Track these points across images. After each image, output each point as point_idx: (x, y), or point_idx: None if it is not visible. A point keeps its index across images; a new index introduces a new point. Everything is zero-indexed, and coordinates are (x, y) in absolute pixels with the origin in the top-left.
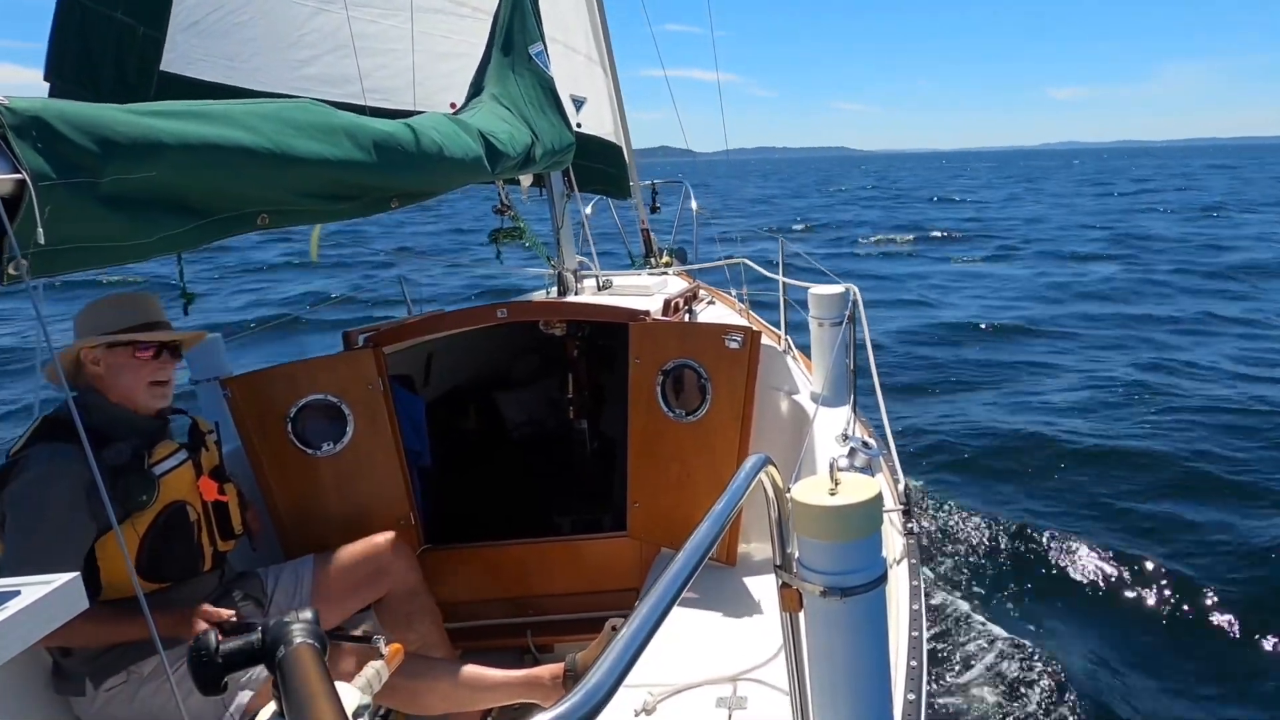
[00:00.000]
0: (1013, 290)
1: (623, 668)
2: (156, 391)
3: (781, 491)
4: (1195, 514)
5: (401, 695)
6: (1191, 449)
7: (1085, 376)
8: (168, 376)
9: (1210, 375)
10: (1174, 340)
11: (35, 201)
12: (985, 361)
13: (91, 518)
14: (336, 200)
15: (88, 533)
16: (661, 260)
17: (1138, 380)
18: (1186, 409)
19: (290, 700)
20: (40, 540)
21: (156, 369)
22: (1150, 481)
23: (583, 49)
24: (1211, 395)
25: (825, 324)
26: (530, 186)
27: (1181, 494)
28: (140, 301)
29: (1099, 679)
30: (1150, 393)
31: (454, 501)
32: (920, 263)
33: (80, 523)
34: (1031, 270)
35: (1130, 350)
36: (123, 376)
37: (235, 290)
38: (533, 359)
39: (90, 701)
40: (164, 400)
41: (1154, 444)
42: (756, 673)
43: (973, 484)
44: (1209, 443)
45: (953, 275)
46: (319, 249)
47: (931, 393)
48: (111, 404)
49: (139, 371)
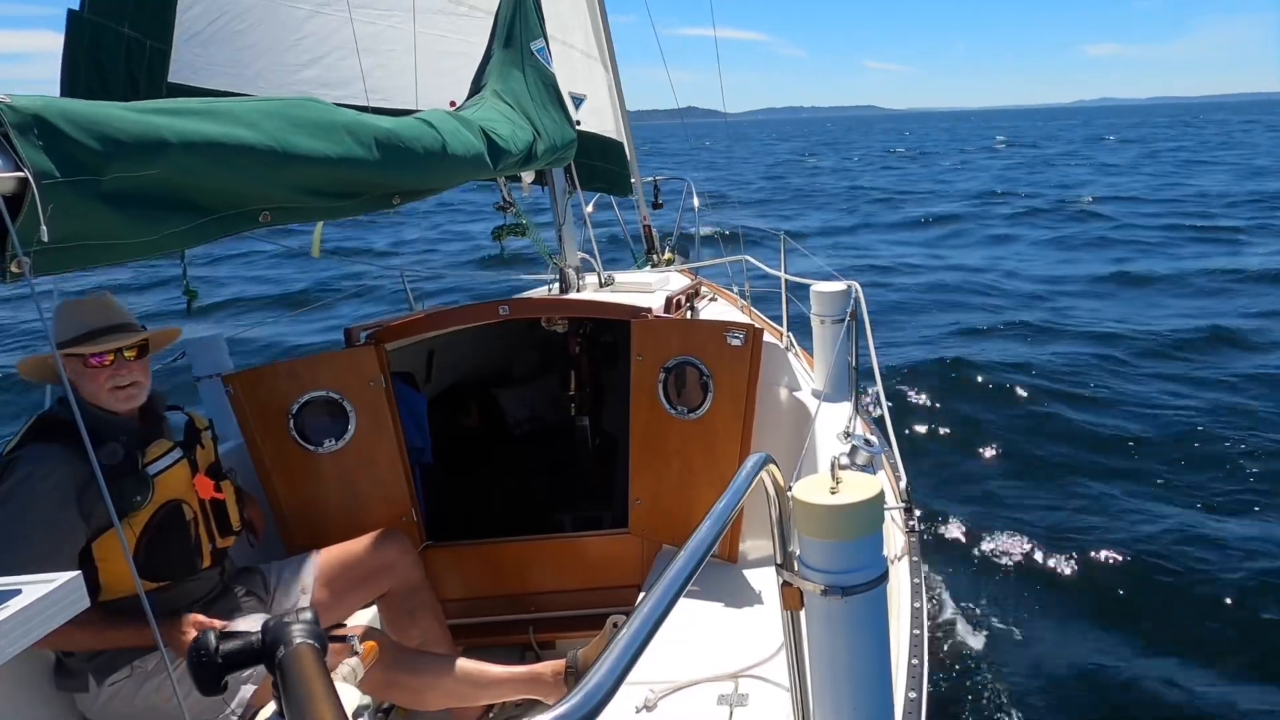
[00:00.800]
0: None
1: (625, 666)
2: (120, 395)
3: (783, 490)
4: (1201, 513)
5: (403, 692)
6: (1206, 445)
7: (1092, 372)
8: (130, 380)
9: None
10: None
11: (38, 200)
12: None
13: (81, 519)
14: (338, 197)
15: (77, 534)
16: (664, 257)
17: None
18: (1199, 408)
19: (290, 700)
20: (26, 540)
21: (112, 374)
22: (1153, 480)
23: (581, 46)
24: (1215, 392)
25: (827, 321)
26: (532, 184)
27: (1184, 492)
28: (94, 306)
29: (1101, 676)
30: (1166, 379)
31: (456, 498)
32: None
33: (69, 523)
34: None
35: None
36: (84, 383)
37: (239, 285)
38: (534, 356)
39: (94, 698)
40: (132, 402)
41: (1155, 442)
42: (758, 670)
43: (974, 483)
44: (1220, 437)
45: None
46: (321, 246)
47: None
48: (91, 405)
49: (96, 378)
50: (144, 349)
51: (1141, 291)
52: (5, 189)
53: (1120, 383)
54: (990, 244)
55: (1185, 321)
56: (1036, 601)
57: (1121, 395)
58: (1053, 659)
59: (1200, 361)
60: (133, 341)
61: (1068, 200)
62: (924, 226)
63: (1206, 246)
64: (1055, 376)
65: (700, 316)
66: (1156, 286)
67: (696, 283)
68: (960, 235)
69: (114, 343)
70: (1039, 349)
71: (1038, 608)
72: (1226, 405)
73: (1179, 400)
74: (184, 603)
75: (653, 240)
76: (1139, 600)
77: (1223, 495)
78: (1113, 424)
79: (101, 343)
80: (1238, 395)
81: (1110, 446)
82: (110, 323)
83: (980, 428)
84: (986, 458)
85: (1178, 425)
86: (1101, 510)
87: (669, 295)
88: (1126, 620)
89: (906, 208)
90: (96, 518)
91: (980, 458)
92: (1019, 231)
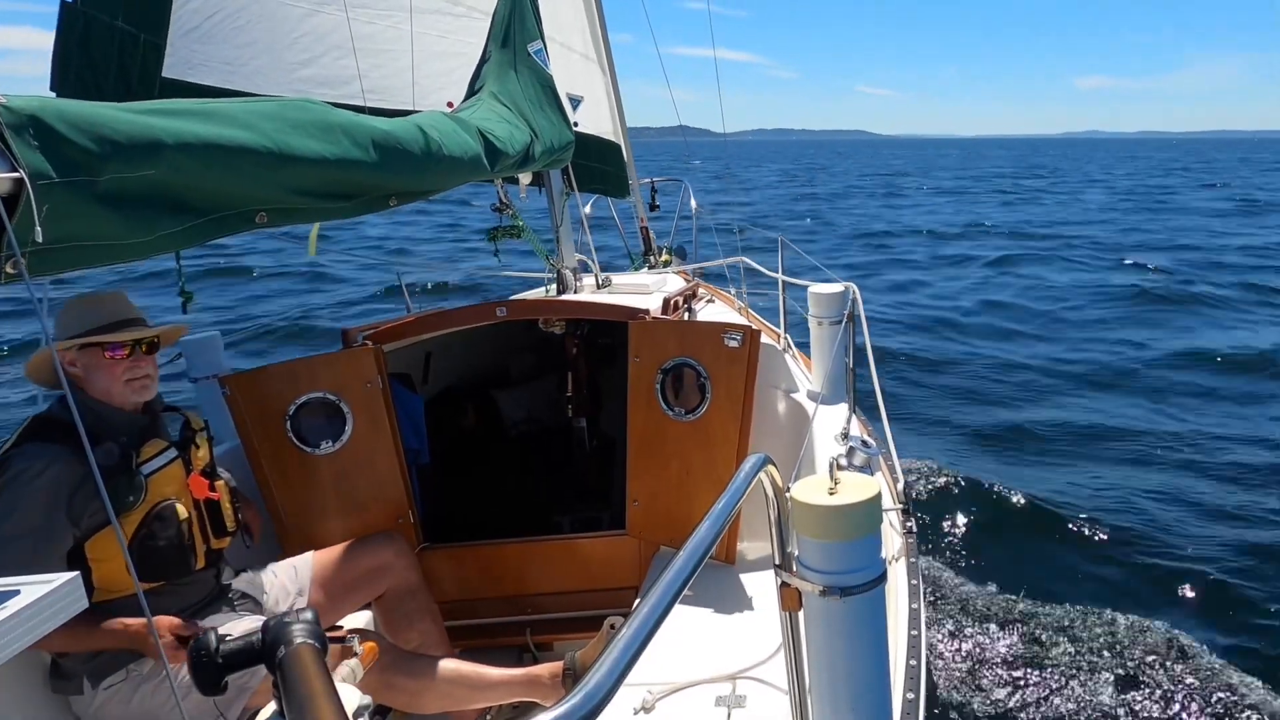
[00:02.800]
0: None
1: (623, 667)
2: (134, 387)
3: (781, 491)
4: (1201, 511)
5: (400, 694)
6: (1201, 444)
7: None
8: (144, 373)
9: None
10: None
11: (33, 200)
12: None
13: (69, 521)
14: (335, 198)
15: (63, 535)
16: (661, 259)
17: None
18: (1202, 406)
19: (290, 700)
20: (12, 540)
21: (130, 367)
22: (1156, 480)
23: (579, 48)
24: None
25: (824, 323)
26: (529, 185)
27: (1188, 493)
28: (110, 300)
29: (1099, 677)
30: (1168, 382)
31: (453, 500)
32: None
33: (56, 524)
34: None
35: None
36: (98, 376)
37: (235, 288)
38: (532, 357)
39: (89, 700)
40: (145, 394)
41: (1159, 442)
42: (756, 671)
43: (972, 484)
44: (1214, 439)
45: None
46: (317, 246)
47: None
48: (96, 402)
49: (112, 370)
50: (154, 345)
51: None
52: (1, 189)
53: (1125, 380)
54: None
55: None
56: (1035, 602)
57: (1127, 394)
58: (1052, 659)
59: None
60: (149, 334)
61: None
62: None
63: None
64: (1057, 376)
65: (698, 318)
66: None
67: (694, 284)
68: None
69: (131, 334)
70: (1039, 348)
71: (1036, 608)
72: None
73: (1187, 401)
74: (178, 604)
75: (650, 242)
76: (1141, 599)
77: (1243, 506)
78: (1116, 424)
79: (120, 334)
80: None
81: (1113, 447)
82: (125, 316)
83: (981, 428)
84: (985, 458)
85: (1186, 426)
86: (1104, 510)
87: (666, 297)
88: (1130, 620)
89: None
90: (89, 518)
91: (979, 458)
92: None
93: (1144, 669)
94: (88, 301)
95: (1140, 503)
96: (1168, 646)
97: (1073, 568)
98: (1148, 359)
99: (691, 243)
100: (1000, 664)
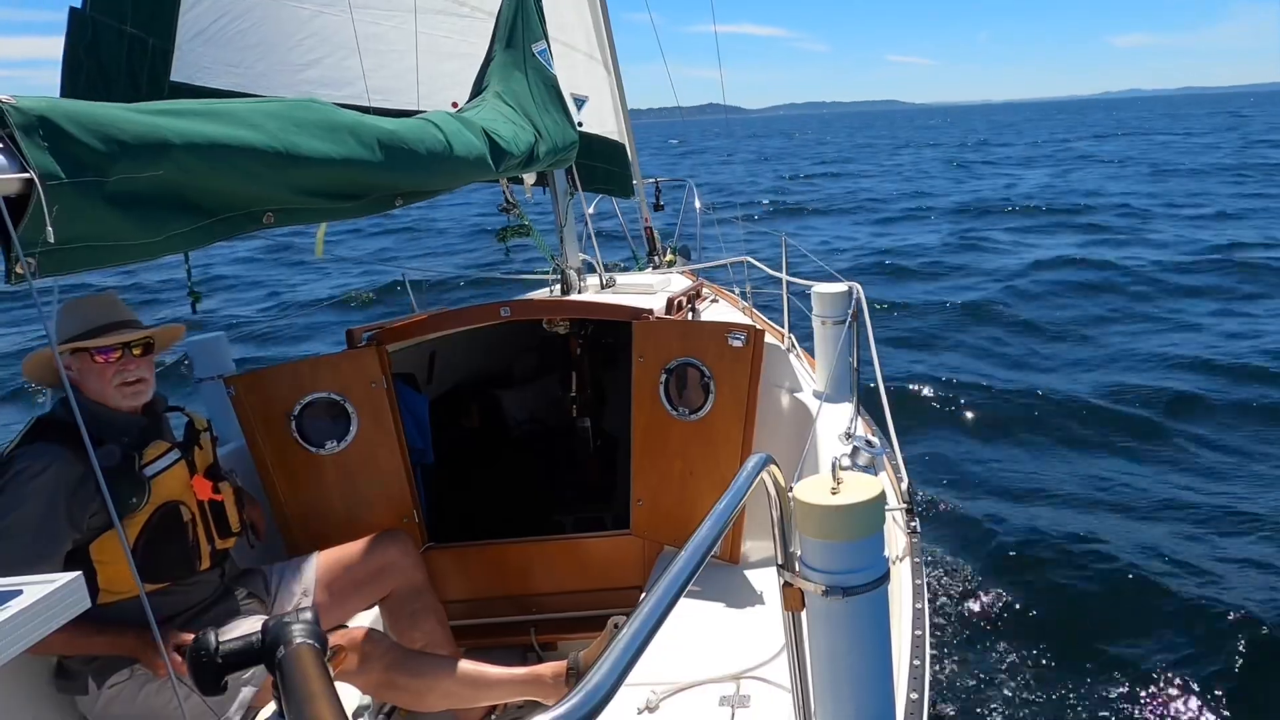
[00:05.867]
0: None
1: (625, 666)
2: (127, 391)
3: (784, 490)
4: (1205, 511)
5: (405, 693)
6: (1209, 443)
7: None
8: (136, 375)
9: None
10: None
11: (43, 201)
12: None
13: (68, 523)
14: (341, 199)
15: (63, 534)
16: (665, 258)
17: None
18: (1211, 404)
19: (290, 700)
20: (10, 538)
21: (120, 370)
22: (1159, 478)
23: (583, 47)
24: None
25: (828, 322)
26: (533, 185)
27: (1192, 491)
28: (99, 304)
29: (1103, 677)
30: (1181, 382)
31: (457, 499)
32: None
33: (54, 526)
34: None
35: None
36: (90, 380)
37: (239, 288)
38: (536, 357)
39: (93, 700)
40: (139, 398)
41: (1165, 442)
42: (759, 671)
43: (976, 484)
44: (1215, 437)
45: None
46: (324, 246)
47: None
48: (93, 404)
49: (103, 374)
50: (149, 346)
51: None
52: (10, 190)
53: (1130, 380)
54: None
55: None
56: (1040, 602)
57: (1132, 392)
58: (1056, 660)
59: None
60: (138, 337)
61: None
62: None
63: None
64: (1058, 375)
65: (701, 318)
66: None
67: (698, 284)
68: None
69: (120, 337)
70: (1038, 349)
71: (1041, 609)
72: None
73: (1198, 404)
74: (183, 605)
75: (654, 242)
76: (1143, 600)
77: (1223, 490)
78: (1121, 423)
79: (108, 337)
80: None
81: (1118, 446)
82: (117, 318)
83: (982, 428)
84: (990, 458)
85: (1196, 428)
86: (1111, 512)
87: (670, 296)
88: (1130, 620)
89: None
90: (92, 519)
91: (984, 458)
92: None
93: (1151, 670)
94: (81, 305)
95: (1155, 505)
96: (1177, 647)
97: (1081, 568)
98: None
99: (695, 242)
100: (1005, 664)
